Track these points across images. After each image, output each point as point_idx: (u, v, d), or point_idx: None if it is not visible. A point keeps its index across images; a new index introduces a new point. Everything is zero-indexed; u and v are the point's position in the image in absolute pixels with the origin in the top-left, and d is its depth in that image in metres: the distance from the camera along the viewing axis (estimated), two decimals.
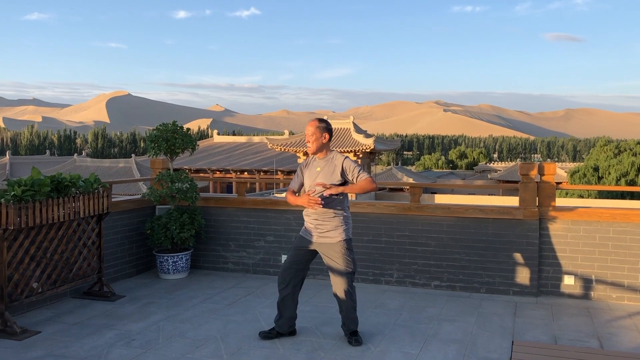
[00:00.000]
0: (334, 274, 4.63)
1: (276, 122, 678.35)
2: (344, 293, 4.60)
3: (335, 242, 4.57)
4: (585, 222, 6.08)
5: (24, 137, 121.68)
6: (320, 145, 4.63)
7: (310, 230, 4.68)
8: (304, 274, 4.78)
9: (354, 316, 4.69)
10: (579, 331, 5.06)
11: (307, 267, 4.79)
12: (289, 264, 4.73)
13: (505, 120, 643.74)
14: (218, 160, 43.15)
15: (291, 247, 4.85)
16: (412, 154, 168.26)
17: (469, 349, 4.58)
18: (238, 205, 7.25)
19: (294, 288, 4.74)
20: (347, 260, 4.58)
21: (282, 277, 4.74)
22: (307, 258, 4.73)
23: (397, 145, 42.67)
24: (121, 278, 6.82)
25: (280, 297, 4.76)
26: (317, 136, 4.61)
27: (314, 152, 4.67)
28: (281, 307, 4.77)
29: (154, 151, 6.97)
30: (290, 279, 4.70)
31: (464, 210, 6.39)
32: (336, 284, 4.62)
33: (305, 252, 4.71)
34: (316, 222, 4.62)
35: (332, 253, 4.58)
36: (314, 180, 4.61)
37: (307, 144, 4.66)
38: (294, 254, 4.73)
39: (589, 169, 40.38)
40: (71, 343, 4.68)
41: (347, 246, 4.60)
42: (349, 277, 4.61)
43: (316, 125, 4.63)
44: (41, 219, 5.07)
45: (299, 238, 4.78)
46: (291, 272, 4.71)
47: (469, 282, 6.36)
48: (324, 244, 4.61)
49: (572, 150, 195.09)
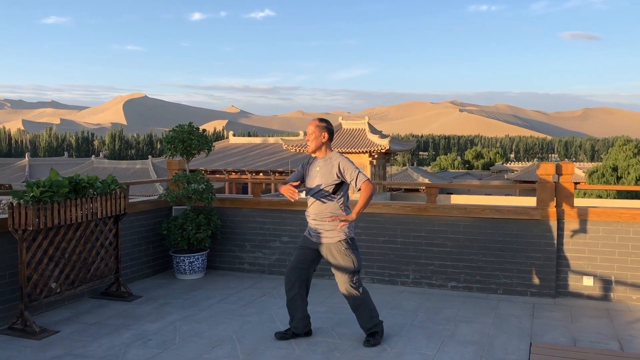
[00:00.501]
0: (336, 273, 4.62)
1: (291, 123, 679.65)
2: (348, 291, 4.60)
3: (335, 242, 4.56)
4: (604, 223, 5.99)
5: (42, 139, 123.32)
6: (319, 144, 4.63)
7: (312, 231, 4.68)
8: (308, 273, 4.77)
9: (367, 315, 4.66)
10: (599, 333, 4.99)
11: (312, 267, 4.78)
12: (293, 264, 4.73)
13: (522, 120, 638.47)
14: (233, 162, 43.33)
15: (296, 247, 4.85)
16: (427, 154, 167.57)
17: (487, 351, 4.54)
18: (254, 206, 7.26)
19: (300, 288, 4.72)
20: (349, 259, 4.55)
21: (287, 277, 4.74)
22: (312, 258, 4.73)
23: (413, 146, 42.52)
24: (138, 278, 6.87)
25: (288, 298, 4.76)
26: (316, 135, 4.62)
27: (312, 150, 4.68)
28: (291, 309, 4.77)
29: (171, 152, 7.01)
30: (295, 279, 4.70)
31: (481, 211, 6.34)
32: (340, 283, 4.63)
33: (309, 252, 4.71)
34: (315, 222, 4.63)
35: (333, 253, 4.57)
36: (313, 179, 4.63)
37: (307, 143, 4.69)
38: (299, 254, 4.74)
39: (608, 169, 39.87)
40: (89, 343, 4.72)
41: (347, 245, 4.57)
42: (352, 275, 4.58)
43: (316, 124, 4.64)
44: (59, 220, 5.12)
45: (303, 238, 4.79)
46: (296, 272, 4.71)
47: (486, 283, 6.31)
48: (325, 244, 4.60)
49: (590, 150, 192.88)
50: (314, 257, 4.73)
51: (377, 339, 4.67)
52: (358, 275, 4.64)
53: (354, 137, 35.14)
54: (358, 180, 4.48)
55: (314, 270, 4.84)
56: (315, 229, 4.63)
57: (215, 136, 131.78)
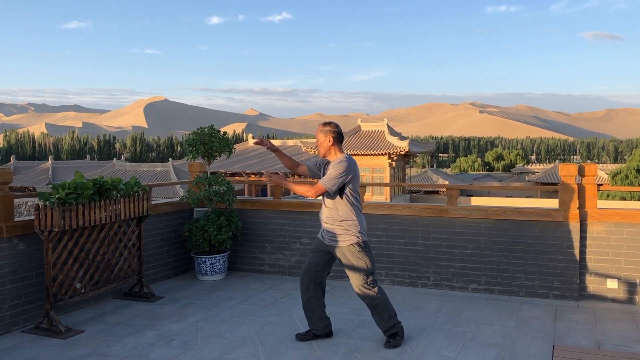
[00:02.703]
0: (350, 275, 4.63)
1: (310, 126, 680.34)
2: (363, 292, 4.60)
3: (346, 246, 4.56)
4: (629, 225, 5.91)
5: (65, 142, 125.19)
6: (327, 147, 4.62)
7: (324, 234, 4.71)
8: (323, 275, 4.78)
9: (385, 315, 4.66)
10: (624, 336, 4.92)
11: (326, 270, 4.79)
12: (308, 266, 4.75)
13: (543, 122, 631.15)
14: (253, 164, 43.52)
15: (311, 249, 4.88)
16: (447, 156, 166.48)
17: (509, 353, 4.51)
18: (274, 207, 7.30)
19: (315, 291, 4.74)
20: (362, 261, 4.55)
21: (301, 279, 4.77)
22: (325, 260, 4.74)
23: (432, 148, 42.31)
24: (160, 279, 6.95)
25: (303, 301, 4.77)
26: (321, 140, 4.63)
27: (322, 155, 4.70)
28: (307, 311, 4.78)
29: (192, 155, 7.08)
30: (309, 282, 4.72)
31: (502, 212, 6.29)
32: (354, 285, 4.63)
33: (322, 254, 4.73)
34: (326, 225, 4.65)
35: (346, 255, 4.58)
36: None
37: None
38: (313, 257, 4.76)
39: (632, 171, 39.21)
40: (113, 342, 4.79)
41: (359, 248, 4.56)
42: (366, 277, 4.58)
43: (320, 129, 4.66)
44: (84, 221, 5.21)
45: (317, 240, 4.81)
46: (310, 275, 4.73)
47: (507, 285, 6.26)
48: (336, 248, 4.61)
49: (613, 151, 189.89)
50: (327, 259, 4.75)
51: (398, 341, 4.67)
52: (373, 277, 4.64)
53: (373, 139, 35.07)
54: (321, 180, 4.54)
55: (329, 272, 4.85)
56: (328, 232, 4.65)
57: (234, 139, 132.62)
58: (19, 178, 44.98)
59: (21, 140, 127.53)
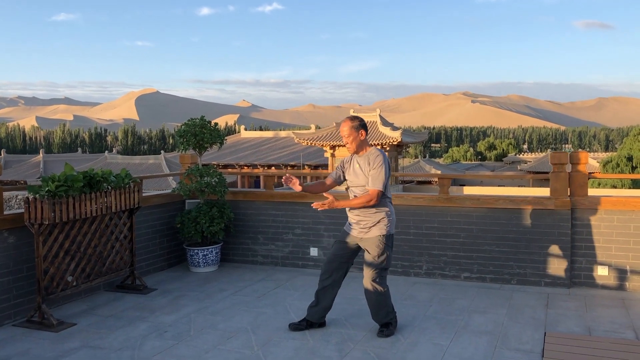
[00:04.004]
0: (366, 266, 4.64)
1: (303, 117, 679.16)
2: (372, 286, 4.61)
3: (375, 237, 4.58)
4: (619, 212, 5.94)
5: (56, 135, 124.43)
6: (360, 143, 4.59)
7: (352, 225, 4.69)
8: (347, 267, 4.80)
9: (383, 312, 4.69)
10: (614, 322, 4.96)
11: (350, 261, 4.81)
12: (332, 256, 4.76)
13: (535, 111, 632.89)
14: (245, 156, 43.43)
15: (335, 240, 4.87)
16: (439, 146, 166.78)
17: (501, 341, 4.53)
18: (266, 198, 7.29)
19: (335, 281, 4.77)
20: (383, 256, 4.58)
21: (325, 268, 4.77)
22: (351, 252, 4.75)
23: (425, 138, 42.33)
24: (153, 271, 6.93)
25: (320, 287, 4.79)
26: (354, 136, 4.56)
27: (355, 151, 4.63)
28: (320, 296, 4.80)
29: (183, 146, 7.05)
30: (332, 271, 4.74)
31: (494, 201, 6.31)
32: (367, 277, 4.63)
33: (348, 245, 4.73)
34: (358, 217, 4.63)
35: (372, 246, 4.59)
36: (355, 176, 4.62)
37: (346, 146, 4.62)
38: (338, 247, 4.76)
39: (623, 159, 39.44)
40: (106, 335, 4.78)
41: (386, 242, 4.59)
42: (380, 272, 4.61)
43: (350, 125, 4.55)
44: (75, 214, 5.18)
45: (343, 232, 4.81)
46: (334, 265, 4.74)
47: (499, 273, 6.29)
48: (365, 238, 4.62)
49: (604, 139, 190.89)
50: (352, 251, 4.75)
51: (391, 330, 4.69)
52: (385, 273, 4.67)
53: None
54: (370, 184, 4.49)
55: (352, 264, 4.86)
56: (357, 224, 4.63)
57: (227, 130, 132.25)
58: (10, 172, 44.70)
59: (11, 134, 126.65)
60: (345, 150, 31.20)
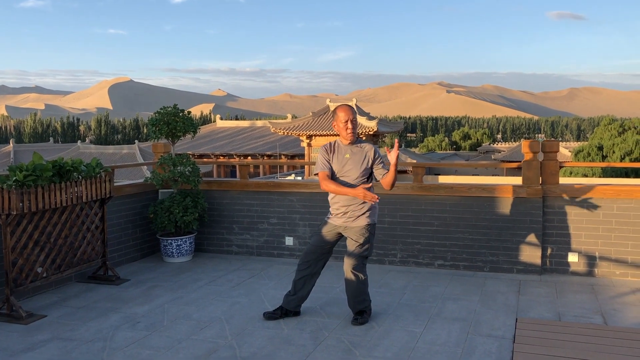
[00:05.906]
0: (348, 254, 4.65)
1: (279, 106, 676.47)
2: (353, 274, 4.61)
3: (361, 226, 4.61)
4: (589, 200, 6.05)
5: (27, 125, 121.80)
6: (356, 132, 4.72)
7: (338, 215, 4.68)
8: (326, 258, 4.81)
9: (361, 298, 4.71)
10: (583, 308, 5.06)
11: (330, 252, 4.82)
12: (313, 247, 4.75)
13: (509, 101, 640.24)
14: (221, 146, 43.14)
15: (316, 231, 4.86)
16: (415, 135, 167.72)
17: (473, 327, 4.59)
18: (241, 188, 7.24)
19: (313, 272, 4.77)
20: (366, 244, 4.61)
21: (304, 258, 4.76)
22: (332, 242, 4.76)
23: (401, 127, 42.53)
24: (125, 262, 6.85)
25: (298, 276, 4.78)
26: (357, 124, 4.70)
27: (353, 140, 4.67)
28: (297, 285, 4.79)
29: (156, 135, 6.95)
30: (312, 262, 4.74)
31: (467, 190, 6.36)
32: (348, 265, 4.63)
33: (330, 236, 4.73)
34: (345, 208, 4.62)
35: (357, 235, 4.61)
36: (342, 167, 4.62)
37: (346, 132, 4.59)
38: (319, 239, 4.75)
39: (593, 148, 40.18)
40: (77, 326, 4.71)
41: (370, 230, 4.64)
42: (362, 260, 4.64)
43: (354, 112, 4.63)
44: (44, 204, 5.07)
45: (325, 224, 4.78)
46: (314, 256, 4.74)
47: (472, 261, 6.36)
48: (350, 227, 4.64)
49: (576, 129, 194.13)
50: (334, 241, 4.76)
51: (365, 318, 4.71)
52: (366, 261, 4.70)
53: None
54: (384, 172, 4.66)
55: (331, 254, 4.87)
56: (344, 214, 4.63)
57: (202, 120, 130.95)
58: None
59: None
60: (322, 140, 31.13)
